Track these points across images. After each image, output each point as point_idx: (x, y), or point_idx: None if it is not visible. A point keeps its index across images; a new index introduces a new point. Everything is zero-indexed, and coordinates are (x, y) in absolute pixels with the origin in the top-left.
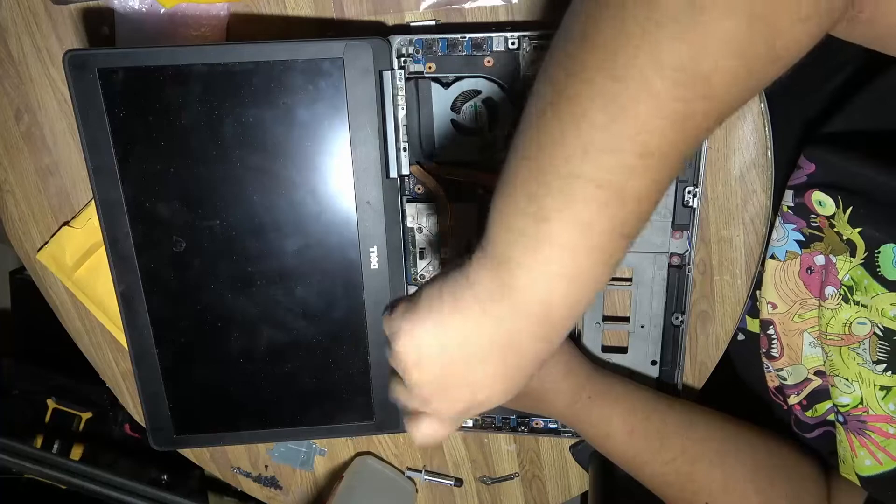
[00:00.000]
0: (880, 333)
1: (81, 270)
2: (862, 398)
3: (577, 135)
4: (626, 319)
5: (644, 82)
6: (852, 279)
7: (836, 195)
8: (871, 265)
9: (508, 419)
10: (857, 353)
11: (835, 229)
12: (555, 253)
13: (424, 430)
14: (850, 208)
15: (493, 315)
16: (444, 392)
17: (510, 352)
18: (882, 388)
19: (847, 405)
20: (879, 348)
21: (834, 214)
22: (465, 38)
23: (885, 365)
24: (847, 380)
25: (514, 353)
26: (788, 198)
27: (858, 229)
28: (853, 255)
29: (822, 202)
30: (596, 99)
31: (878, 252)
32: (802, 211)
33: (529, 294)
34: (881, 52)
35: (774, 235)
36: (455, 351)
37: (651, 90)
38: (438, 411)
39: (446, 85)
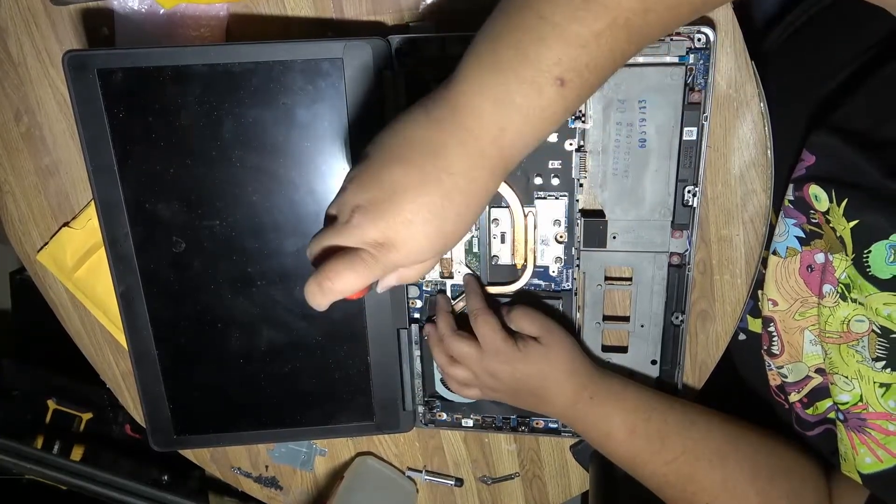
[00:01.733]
0: (878, 331)
1: (81, 271)
2: (861, 396)
3: None
4: (626, 319)
5: None
6: (849, 277)
7: (830, 189)
8: (860, 265)
9: (509, 419)
10: (856, 351)
11: (830, 225)
12: (491, 73)
13: (332, 271)
14: (846, 200)
15: (438, 123)
16: (372, 199)
17: (441, 163)
18: (881, 385)
19: (847, 403)
20: (878, 345)
21: (829, 209)
22: (464, 37)
23: (884, 362)
24: (846, 377)
25: (445, 167)
26: (789, 191)
27: (853, 223)
28: (846, 252)
29: (818, 196)
30: None
31: (868, 252)
32: (802, 205)
33: (463, 103)
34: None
35: (777, 230)
36: (395, 147)
37: None
38: (361, 232)
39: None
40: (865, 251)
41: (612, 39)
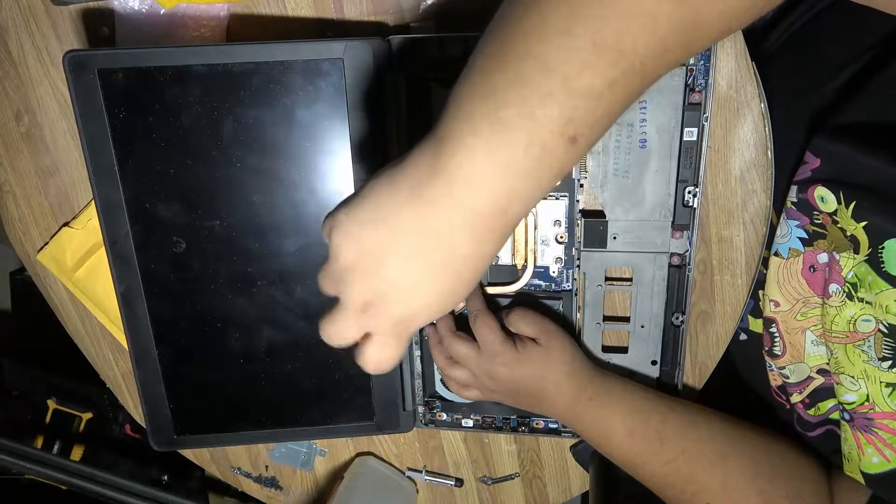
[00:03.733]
0: (885, 330)
1: (81, 271)
2: (868, 395)
3: (539, 11)
4: (626, 319)
5: None
6: (856, 276)
7: (838, 190)
8: (875, 261)
9: (509, 419)
10: (863, 351)
11: (838, 225)
12: (493, 136)
13: (370, 355)
14: (854, 202)
15: (430, 200)
16: (385, 297)
17: (440, 246)
18: (888, 385)
19: (853, 403)
20: (885, 345)
21: (836, 210)
22: (464, 37)
23: (890, 362)
24: (853, 377)
25: (445, 249)
26: (792, 193)
27: (863, 223)
28: (857, 251)
29: (824, 198)
30: None
31: (882, 248)
32: (805, 207)
33: (462, 176)
34: (873, 6)
35: (778, 232)
36: (390, 240)
37: None
38: (377, 325)
39: (446, 85)
40: (880, 247)
41: (627, 85)
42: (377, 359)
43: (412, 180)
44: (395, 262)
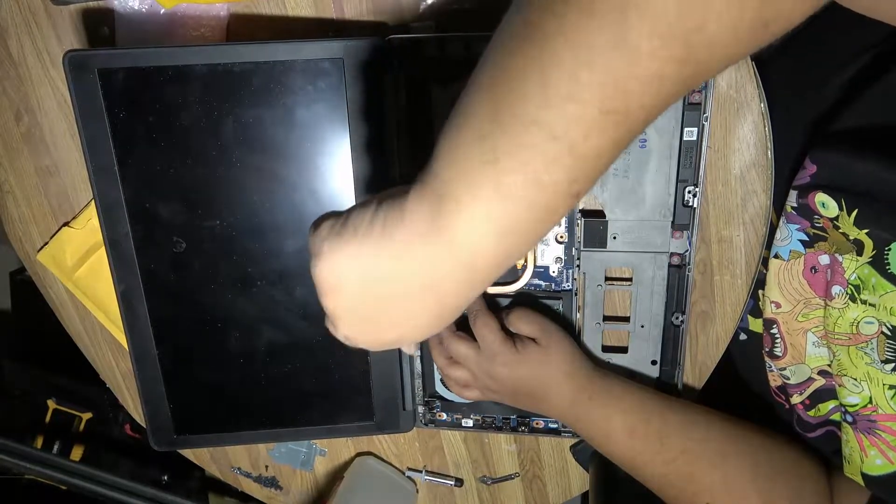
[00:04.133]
0: (888, 332)
1: (81, 271)
2: (871, 398)
3: (541, 75)
4: (626, 319)
5: (622, 26)
6: (859, 278)
7: (839, 197)
8: (880, 263)
9: (509, 419)
10: (865, 353)
11: (840, 230)
12: (496, 200)
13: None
14: (856, 210)
15: (421, 253)
16: (362, 327)
17: (432, 294)
18: (891, 387)
19: (856, 405)
20: (888, 347)
21: (837, 216)
22: (464, 37)
23: (893, 364)
24: (855, 379)
25: (436, 296)
26: (792, 198)
27: (865, 230)
28: (860, 253)
29: (825, 204)
30: (567, 37)
31: (888, 250)
32: (805, 212)
33: (462, 237)
34: (874, 17)
35: (778, 235)
36: (375, 285)
37: (629, 40)
38: (357, 344)
39: (446, 85)
40: (886, 249)
41: (630, 137)
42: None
43: (408, 233)
44: (385, 306)
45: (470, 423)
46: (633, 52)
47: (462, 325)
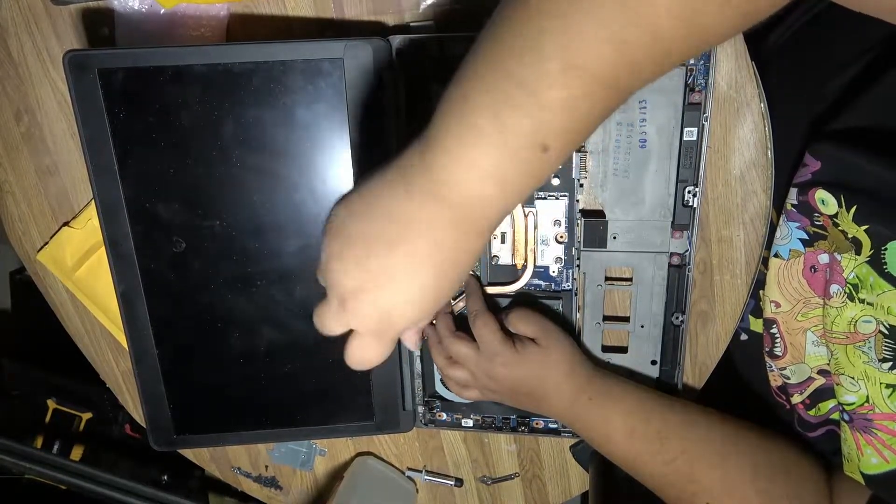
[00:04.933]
0: (886, 331)
1: (81, 271)
2: (868, 396)
3: (518, 35)
4: (626, 319)
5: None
6: (857, 277)
7: (839, 194)
8: (877, 262)
9: (509, 419)
10: (863, 352)
11: (839, 228)
12: (478, 146)
13: (351, 352)
14: (855, 206)
15: (415, 196)
16: (360, 276)
17: (426, 241)
18: (888, 386)
19: (853, 403)
20: (885, 346)
21: (837, 213)
22: (464, 37)
23: (890, 363)
24: (853, 378)
25: (431, 244)
26: (792, 196)
27: (864, 227)
28: (858, 252)
29: (825, 200)
30: (540, 7)
31: (885, 249)
32: (805, 209)
33: (445, 176)
34: (869, 14)
35: (778, 234)
36: (376, 221)
37: (600, 13)
38: (359, 323)
39: (446, 85)
40: (883, 248)
41: (602, 98)
42: (358, 357)
43: (401, 177)
44: (379, 250)
45: (470, 423)
46: (600, 22)
47: (462, 326)
